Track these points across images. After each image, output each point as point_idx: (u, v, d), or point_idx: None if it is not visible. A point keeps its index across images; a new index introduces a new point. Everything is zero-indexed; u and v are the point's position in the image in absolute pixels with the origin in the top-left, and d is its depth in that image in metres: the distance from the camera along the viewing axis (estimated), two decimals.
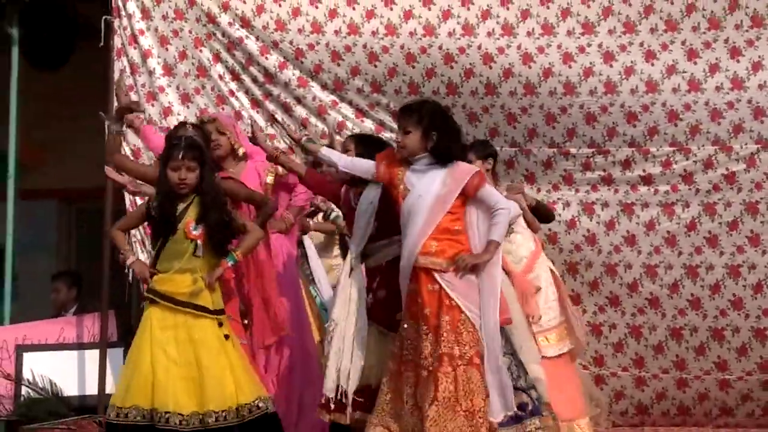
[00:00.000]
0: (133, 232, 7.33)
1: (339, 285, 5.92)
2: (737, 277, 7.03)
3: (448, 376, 5.42)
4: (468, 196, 5.55)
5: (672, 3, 7.14)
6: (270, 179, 6.76)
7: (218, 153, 6.62)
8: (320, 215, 7.81)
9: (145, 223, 6.31)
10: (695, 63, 7.07)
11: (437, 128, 5.60)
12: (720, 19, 7.05)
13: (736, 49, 7.00)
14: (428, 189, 5.58)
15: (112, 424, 5.75)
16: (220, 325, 5.88)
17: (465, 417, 5.40)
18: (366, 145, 6.04)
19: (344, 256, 7.07)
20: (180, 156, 5.77)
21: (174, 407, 5.69)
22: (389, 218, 5.79)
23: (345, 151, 6.01)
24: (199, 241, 5.77)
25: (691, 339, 7.16)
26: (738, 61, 7.00)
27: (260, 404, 5.80)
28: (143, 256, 7.32)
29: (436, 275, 5.53)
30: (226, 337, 5.88)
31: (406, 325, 5.57)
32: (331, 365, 5.77)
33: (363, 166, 5.86)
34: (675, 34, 7.14)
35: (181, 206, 5.81)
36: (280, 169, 6.72)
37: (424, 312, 5.52)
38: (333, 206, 7.36)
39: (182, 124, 6.49)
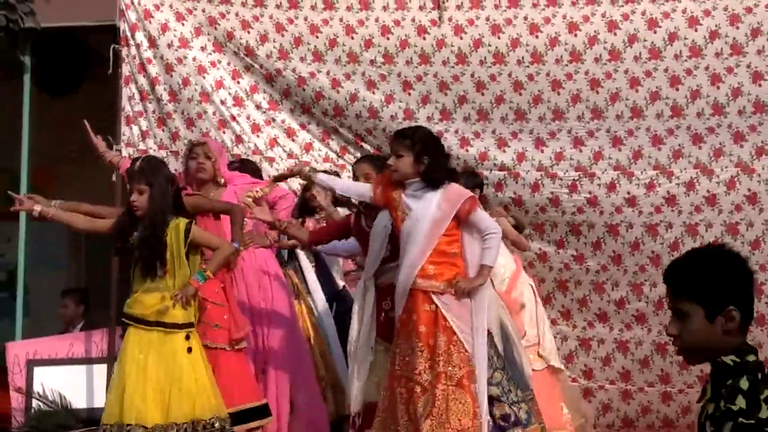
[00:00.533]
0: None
1: (356, 305, 5.99)
2: None
3: (443, 393, 5.47)
4: (460, 220, 5.64)
5: (737, 28, 7.15)
6: (248, 200, 6.81)
7: (201, 176, 6.73)
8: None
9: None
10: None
11: (429, 153, 5.65)
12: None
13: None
14: (425, 213, 5.63)
15: None
16: (187, 337, 5.92)
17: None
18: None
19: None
20: (135, 179, 5.87)
21: (137, 420, 5.75)
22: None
23: (363, 174, 6.10)
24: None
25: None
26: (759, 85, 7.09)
27: (216, 423, 5.87)
28: None
29: (433, 296, 5.59)
30: (189, 350, 5.92)
31: (399, 341, 5.63)
32: (354, 383, 5.87)
33: (359, 189, 5.91)
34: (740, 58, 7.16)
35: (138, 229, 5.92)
36: (258, 191, 6.80)
37: (419, 330, 5.56)
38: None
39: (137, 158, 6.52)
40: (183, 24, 7.93)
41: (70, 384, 7.96)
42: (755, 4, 7.11)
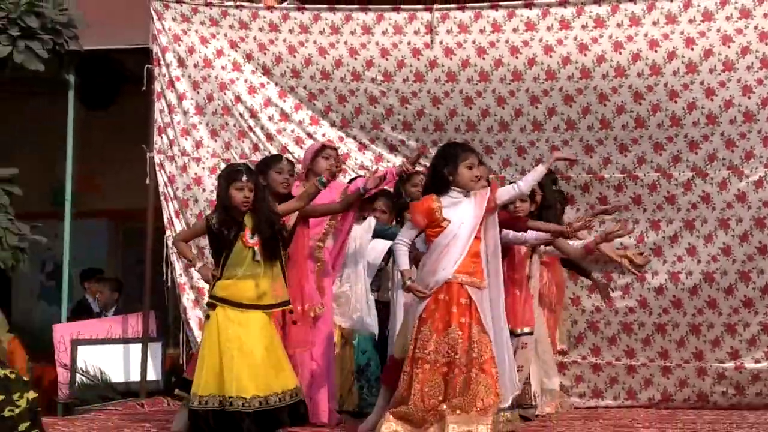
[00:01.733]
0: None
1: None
2: (748, 281, 7.58)
3: (475, 377, 5.79)
4: (488, 212, 5.98)
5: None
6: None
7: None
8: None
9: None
10: None
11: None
12: None
13: None
14: (464, 218, 5.93)
15: (195, 410, 5.99)
16: (291, 312, 6.33)
17: (479, 413, 5.75)
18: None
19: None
20: (244, 178, 6.04)
21: (237, 392, 5.91)
22: None
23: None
24: (256, 248, 6.03)
25: (708, 333, 7.71)
26: None
27: (297, 392, 6.13)
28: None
29: (470, 290, 5.91)
30: (293, 320, 6.37)
31: (425, 330, 5.88)
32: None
33: (410, 232, 6.11)
34: None
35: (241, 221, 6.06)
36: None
37: (453, 320, 5.85)
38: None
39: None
40: (207, 46, 8.36)
41: (109, 361, 8.56)
42: None
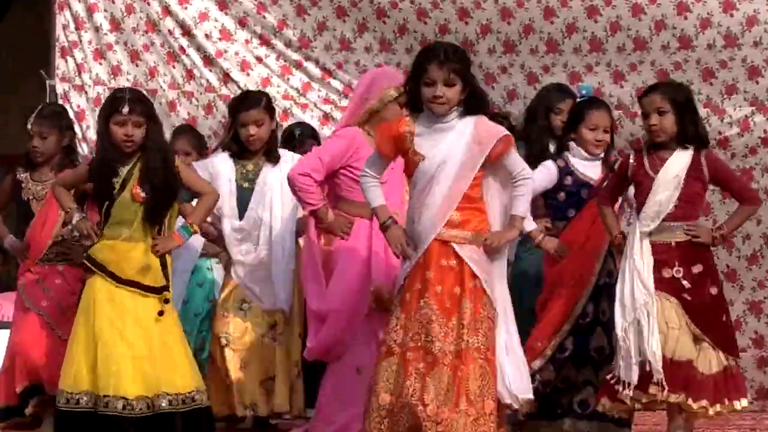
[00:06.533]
0: None
1: None
2: None
3: (474, 367, 5.24)
4: (489, 161, 5.44)
5: None
6: None
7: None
8: None
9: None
10: None
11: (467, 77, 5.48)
12: None
13: None
14: (450, 152, 5.34)
15: (64, 412, 5.64)
16: (166, 301, 5.79)
17: (474, 421, 5.20)
18: None
19: None
20: (126, 110, 5.66)
21: (115, 391, 5.59)
22: None
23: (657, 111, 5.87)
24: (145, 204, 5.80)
25: None
26: None
27: (196, 396, 5.76)
28: None
29: (457, 248, 5.28)
30: (161, 313, 5.78)
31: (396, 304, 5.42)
32: None
33: (376, 163, 5.62)
34: None
35: (126, 167, 5.70)
36: None
37: (437, 288, 5.27)
38: None
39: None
40: None
41: None
42: None
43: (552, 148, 6.54)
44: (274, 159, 6.83)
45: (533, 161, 6.01)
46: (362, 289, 6.31)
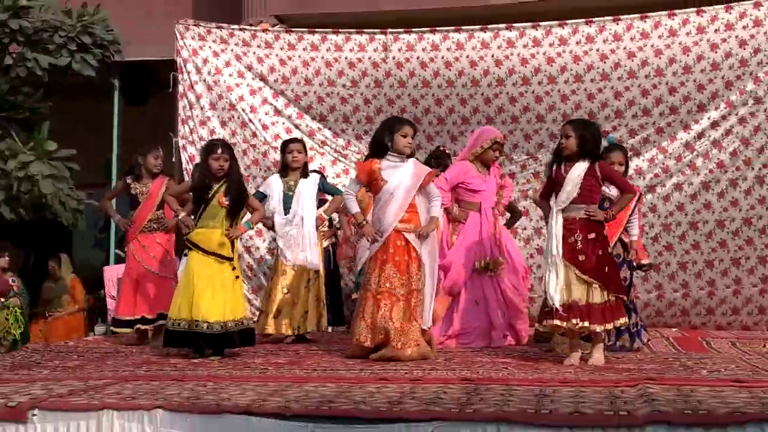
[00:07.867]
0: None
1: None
2: None
3: (415, 301, 6.28)
4: (421, 186, 6.41)
5: None
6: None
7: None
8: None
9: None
10: None
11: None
12: None
13: None
14: (402, 180, 6.31)
15: (170, 330, 6.42)
16: (234, 268, 6.57)
17: (419, 329, 6.32)
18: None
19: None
20: (219, 151, 6.46)
21: (203, 317, 6.35)
22: None
23: (565, 136, 6.20)
24: (225, 208, 6.53)
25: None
26: None
27: (244, 321, 6.56)
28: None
29: (406, 235, 6.31)
30: (237, 277, 6.54)
31: (385, 267, 6.34)
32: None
33: (355, 186, 6.58)
34: None
35: (216, 185, 6.52)
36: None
37: (395, 258, 6.27)
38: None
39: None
40: (217, 59, 9.65)
41: None
42: None
43: None
44: (305, 175, 7.68)
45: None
46: (469, 255, 7.29)
